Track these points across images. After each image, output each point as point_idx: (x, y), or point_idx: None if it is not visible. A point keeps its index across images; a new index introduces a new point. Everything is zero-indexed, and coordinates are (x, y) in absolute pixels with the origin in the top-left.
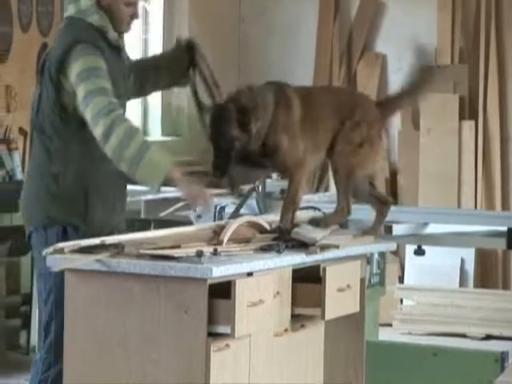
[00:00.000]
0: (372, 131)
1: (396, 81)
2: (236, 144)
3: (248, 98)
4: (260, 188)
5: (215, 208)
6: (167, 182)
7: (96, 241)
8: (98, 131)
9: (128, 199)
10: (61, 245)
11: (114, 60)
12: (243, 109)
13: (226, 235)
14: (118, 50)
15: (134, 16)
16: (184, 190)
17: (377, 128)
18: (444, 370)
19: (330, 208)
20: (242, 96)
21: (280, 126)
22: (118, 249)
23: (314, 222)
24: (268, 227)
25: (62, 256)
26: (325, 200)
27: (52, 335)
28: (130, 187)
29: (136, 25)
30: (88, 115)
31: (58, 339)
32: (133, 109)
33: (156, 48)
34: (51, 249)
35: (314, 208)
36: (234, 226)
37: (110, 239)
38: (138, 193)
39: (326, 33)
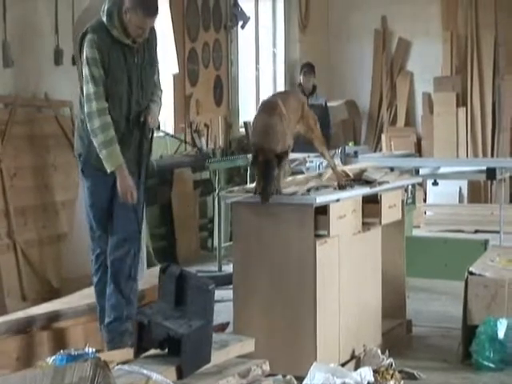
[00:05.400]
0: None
1: (419, 87)
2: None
3: (275, 141)
4: (340, 151)
5: (318, 163)
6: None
7: (249, 186)
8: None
9: None
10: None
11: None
12: (280, 155)
13: (325, 177)
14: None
15: (139, 36)
16: (120, 185)
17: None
18: (451, 251)
19: None
20: (274, 143)
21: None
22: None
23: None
24: (349, 173)
25: (231, 194)
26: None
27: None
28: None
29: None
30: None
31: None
32: None
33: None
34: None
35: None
36: (328, 172)
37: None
38: None
39: (378, 60)
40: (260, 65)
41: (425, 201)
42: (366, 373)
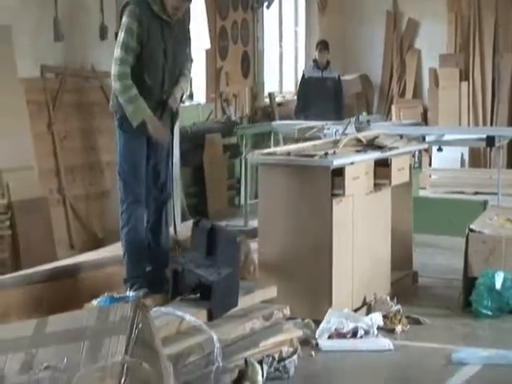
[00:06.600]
0: None
1: (426, 63)
2: None
3: None
4: (355, 119)
5: (334, 130)
6: (144, 124)
7: (273, 149)
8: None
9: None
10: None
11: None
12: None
13: (341, 144)
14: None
15: (174, 15)
16: (153, 130)
17: None
18: (453, 210)
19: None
20: None
21: None
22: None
23: None
24: (362, 139)
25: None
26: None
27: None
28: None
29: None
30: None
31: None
32: None
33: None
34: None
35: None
36: (345, 139)
37: (281, 149)
38: (294, 124)
39: (389, 38)
40: (283, 42)
41: (430, 165)
42: (376, 318)
